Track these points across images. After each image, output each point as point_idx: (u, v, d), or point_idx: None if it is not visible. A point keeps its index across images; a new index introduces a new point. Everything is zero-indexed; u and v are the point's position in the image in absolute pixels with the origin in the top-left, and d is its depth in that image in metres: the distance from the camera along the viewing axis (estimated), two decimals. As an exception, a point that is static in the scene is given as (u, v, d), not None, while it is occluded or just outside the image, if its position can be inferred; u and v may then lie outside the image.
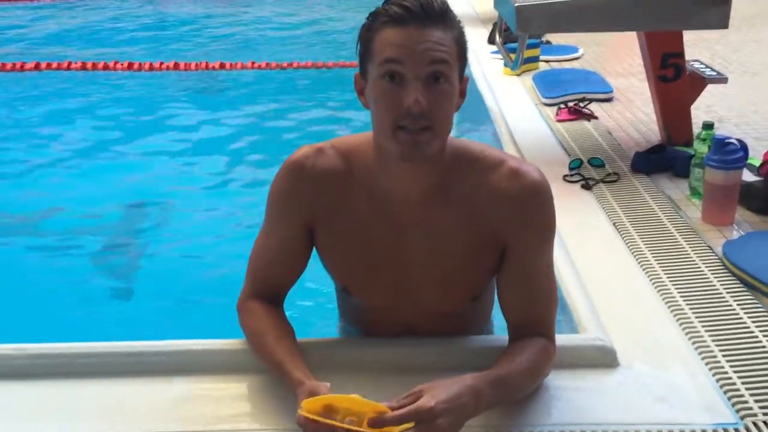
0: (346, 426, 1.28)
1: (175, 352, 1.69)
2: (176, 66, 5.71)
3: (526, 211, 1.50)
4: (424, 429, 1.28)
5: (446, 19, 1.42)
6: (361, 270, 1.60)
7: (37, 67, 5.67)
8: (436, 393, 1.32)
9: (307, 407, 1.30)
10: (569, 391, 1.62)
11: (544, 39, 5.05)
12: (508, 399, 1.50)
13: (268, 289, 1.64)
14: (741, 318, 1.98)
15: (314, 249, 1.63)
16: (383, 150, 1.46)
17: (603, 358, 1.72)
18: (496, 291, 1.65)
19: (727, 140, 2.51)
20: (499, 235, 1.53)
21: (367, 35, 1.43)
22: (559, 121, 3.65)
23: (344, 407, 1.30)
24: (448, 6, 1.43)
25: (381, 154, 1.48)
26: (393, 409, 1.29)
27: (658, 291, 2.11)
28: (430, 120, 1.39)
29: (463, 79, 1.48)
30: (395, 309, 1.63)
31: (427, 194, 1.51)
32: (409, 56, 1.38)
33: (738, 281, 2.15)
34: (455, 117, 1.48)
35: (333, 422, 1.29)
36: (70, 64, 5.70)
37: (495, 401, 1.43)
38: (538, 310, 1.57)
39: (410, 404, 1.30)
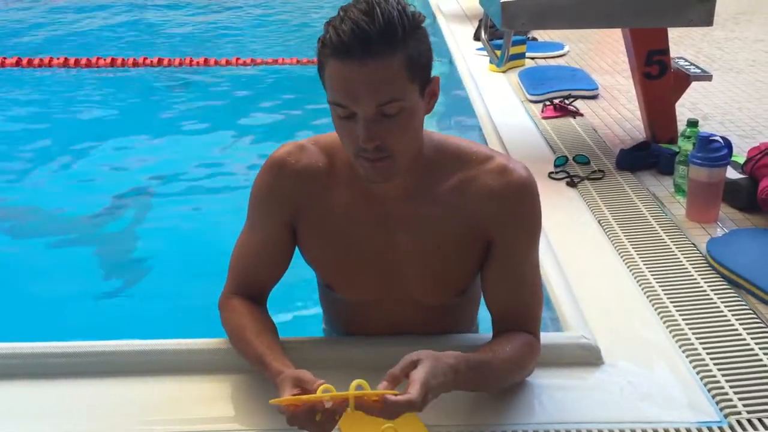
0: (324, 396, 1.27)
1: (156, 352, 1.67)
2: (159, 62, 5.67)
3: (513, 208, 1.50)
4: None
5: (388, 43, 1.29)
6: (344, 265, 1.59)
7: (18, 63, 5.62)
8: (425, 378, 1.30)
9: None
10: (553, 390, 1.61)
11: (529, 36, 5.05)
12: (485, 387, 1.51)
13: (251, 287, 1.62)
14: (725, 316, 1.98)
15: (297, 246, 1.62)
16: None
17: (587, 356, 1.72)
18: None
19: (711, 138, 2.51)
20: (485, 231, 1.52)
21: (318, 60, 1.38)
22: (544, 118, 3.65)
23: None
24: (389, 20, 1.29)
25: None
26: (387, 386, 1.29)
27: (643, 288, 2.11)
28: (387, 150, 1.36)
29: (432, 82, 1.41)
30: (379, 304, 1.62)
31: (410, 190, 1.50)
32: (353, 99, 1.33)
33: (722, 279, 2.16)
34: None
35: (308, 397, 1.28)
36: (51, 59, 5.64)
37: (470, 385, 1.44)
38: (523, 307, 1.57)
39: (402, 373, 1.31)
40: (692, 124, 2.81)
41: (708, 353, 1.80)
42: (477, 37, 5.02)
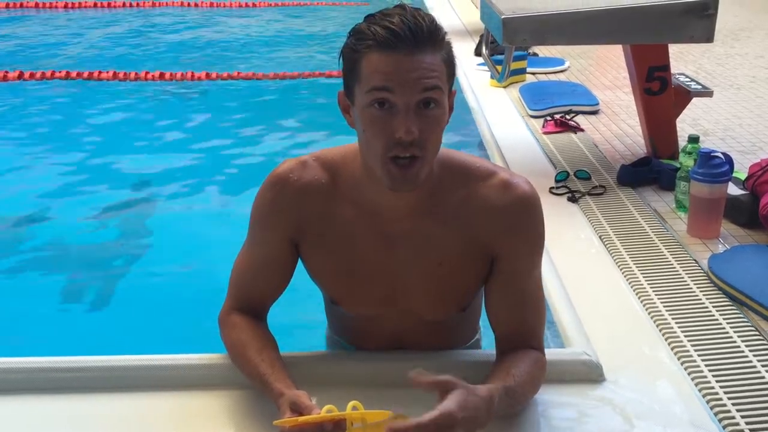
0: (326, 417, 1.27)
1: (155, 367, 1.66)
2: (161, 76, 5.68)
3: (516, 223, 1.49)
4: None
5: (435, 40, 1.36)
6: (349, 282, 1.58)
7: (20, 76, 5.63)
8: (461, 399, 1.27)
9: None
10: (555, 406, 1.60)
11: (530, 51, 5.06)
12: (510, 412, 1.49)
13: (251, 302, 1.62)
14: (727, 332, 1.97)
15: (300, 261, 1.61)
16: (373, 172, 1.44)
17: (589, 373, 1.71)
18: (483, 302, 1.64)
19: (712, 154, 2.51)
20: (489, 246, 1.51)
21: (351, 56, 1.38)
22: (545, 133, 3.65)
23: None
24: (436, 24, 1.37)
25: (369, 172, 1.46)
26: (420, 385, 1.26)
27: (644, 305, 2.11)
28: (421, 147, 1.37)
29: (451, 94, 1.45)
30: (384, 319, 1.62)
31: (416, 206, 1.50)
32: (399, 85, 1.34)
33: (723, 295, 2.15)
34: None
35: (312, 418, 1.27)
36: (53, 73, 5.66)
37: (501, 414, 1.41)
38: (527, 322, 1.56)
39: (433, 386, 1.27)
40: (693, 139, 2.81)
41: (710, 369, 1.80)
42: (478, 52, 5.04)
